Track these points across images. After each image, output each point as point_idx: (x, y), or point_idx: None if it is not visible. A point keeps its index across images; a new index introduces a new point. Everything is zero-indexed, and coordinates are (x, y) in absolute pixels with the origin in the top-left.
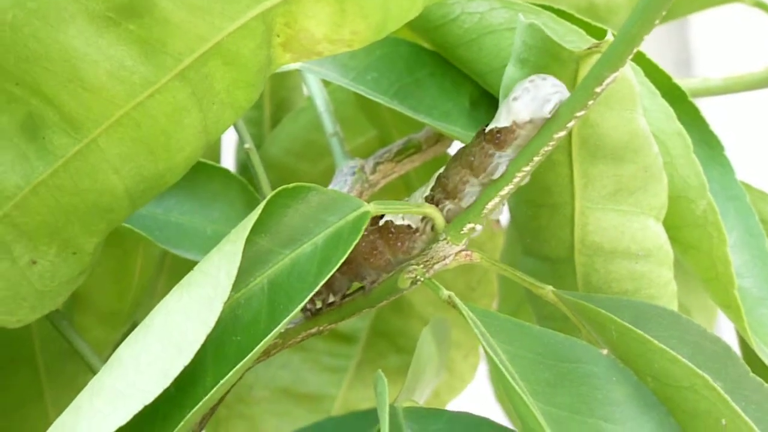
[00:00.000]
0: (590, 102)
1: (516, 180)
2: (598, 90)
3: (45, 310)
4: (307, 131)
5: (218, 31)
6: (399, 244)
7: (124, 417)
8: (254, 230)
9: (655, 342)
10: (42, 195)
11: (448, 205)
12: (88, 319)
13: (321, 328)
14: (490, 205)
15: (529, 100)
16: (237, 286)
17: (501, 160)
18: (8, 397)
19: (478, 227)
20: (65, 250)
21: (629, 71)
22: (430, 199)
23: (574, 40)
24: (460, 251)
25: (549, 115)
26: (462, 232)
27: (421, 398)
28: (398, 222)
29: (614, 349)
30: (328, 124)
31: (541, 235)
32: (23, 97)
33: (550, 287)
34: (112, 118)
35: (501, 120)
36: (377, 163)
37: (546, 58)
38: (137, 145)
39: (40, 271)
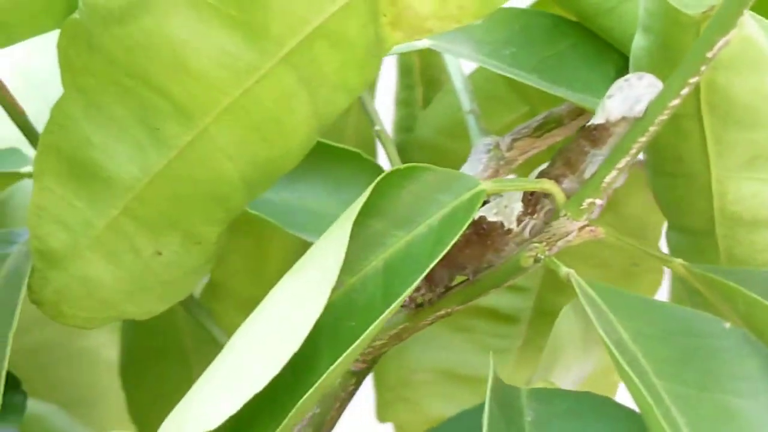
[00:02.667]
0: (702, 68)
1: (633, 152)
2: (709, 55)
3: (173, 300)
4: (457, 110)
5: (320, 12)
6: (489, 242)
7: (236, 405)
8: (368, 213)
9: None
10: (159, 186)
11: (567, 181)
12: (226, 307)
13: (449, 309)
14: (608, 179)
15: (621, 99)
16: (352, 270)
17: (594, 159)
18: (161, 386)
19: (598, 202)
20: (188, 241)
21: (756, 33)
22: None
23: (694, 3)
24: (584, 227)
25: (639, 115)
26: (582, 207)
27: (566, 380)
28: (491, 218)
29: (744, 322)
30: (465, 102)
31: (681, 207)
32: (135, 88)
33: (680, 260)
34: (221, 105)
35: (598, 117)
36: (514, 140)
37: (667, 24)
38: (249, 132)
39: (166, 262)
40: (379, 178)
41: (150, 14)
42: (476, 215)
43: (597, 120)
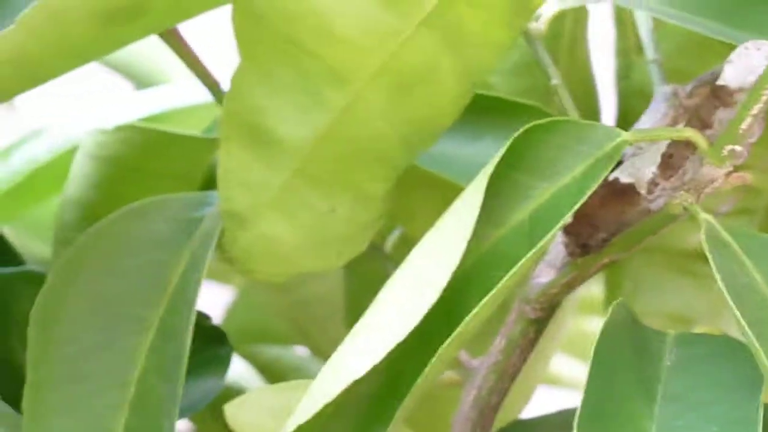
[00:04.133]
0: None
1: (764, 98)
2: None
3: (350, 254)
4: (671, 59)
5: None
6: (625, 200)
7: (378, 356)
8: (513, 166)
9: None
10: (325, 147)
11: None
12: None
13: (612, 257)
14: (744, 126)
15: (738, 68)
16: (498, 222)
17: (722, 117)
18: None
19: (738, 149)
20: (359, 197)
21: None
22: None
23: None
24: (731, 173)
25: (748, 86)
26: (723, 154)
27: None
28: (624, 179)
29: None
30: (649, 51)
31: None
32: (297, 55)
33: None
34: (371, 69)
35: (721, 79)
36: (696, 87)
37: None
38: (401, 94)
39: (340, 218)
40: (518, 133)
41: None
42: (611, 176)
43: (720, 82)
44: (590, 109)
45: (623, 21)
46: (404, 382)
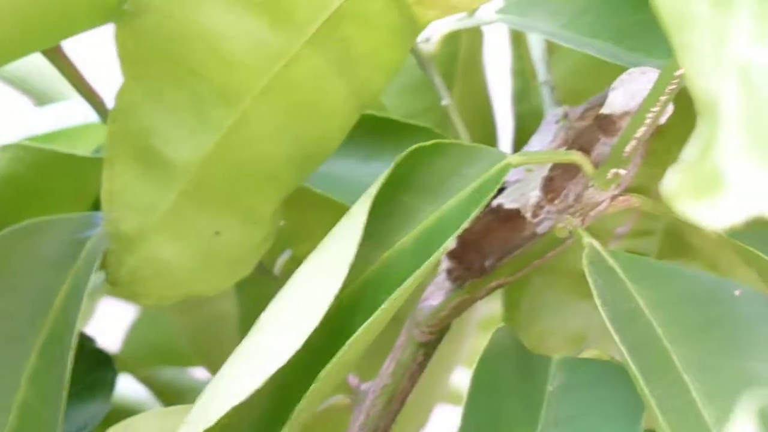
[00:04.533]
0: None
1: (648, 121)
2: None
3: (236, 277)
4: (566, 80)
5: None
6: (510, 226)
7: (259, 381)
8: (400, 189)
9: None
10: (212, 168)
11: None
12: None
13: (500, 281)
14: (628, 149)
15: (622, 93)
16: (386, 244)
17: (605, 148)
18: None
19: (622, 172)
20: (246, 219)
21: None
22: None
23: None
24: (617, 197)
25: (632, 111)
26: (608, 178)
27: None
28: (508, 206)
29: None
30: (541, 72)
31: None
32: (183, 75)
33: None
34: (257, 89)
35: (605, 107)
36: (587, 110)
37: None
38: (287, 114)
39: (226, 241)
40: (402, 155)
41: (182, 5)
42: (494, 203)
43: (605, 110)
44: (486, 131)
45: (520, 43)
46: (289, 407)
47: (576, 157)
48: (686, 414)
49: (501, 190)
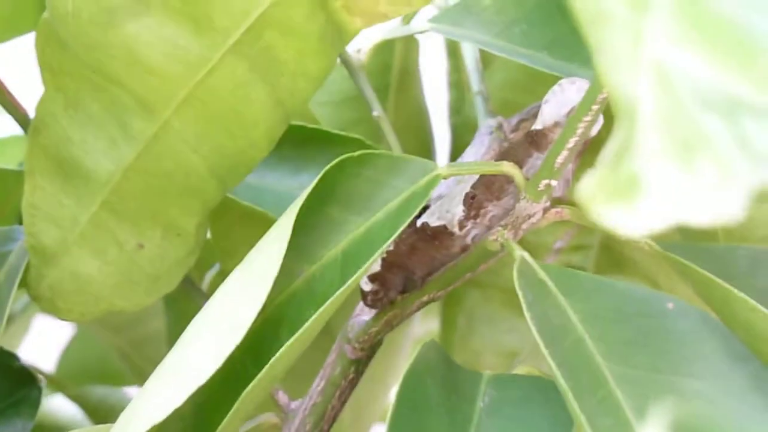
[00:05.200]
0: None
1: (580, 131)
2: None
3: (160, 292)
4: (501, 91)
5: (259, 2)
6: (436, 243)
7: (180, 398)
8: (325, 201)
9: (735, 291)
10: (133, 179)
11: (528, 162)
12: None
13: (431, 295)
14: (560, 159)
15: (554, 104)
16: (311, 258)
17: (538, 162)
18: None
19: (554, 183)
20: (169, 233)
21: None
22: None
23: None
24: (549, 209)
25: (562, 121)
26: (539, 189)
27: None
28: (434, 223)
29: (704, 301)
30: (475, 82)
31: None
32: (103, 85)
33: (646, 240)
34: (178, 98)
35: (537, 122)
36: (521, 121)
37: None
38: (210, 124)
39: (149, 255)
40: (329, 166)
41: (100, 9)
42: (419, 221)
43: (537, 126)
44: (421, 143)
45: (456, 54)
46: (211, 425)
47: (507, 168)
48: (617, 431)
49: (424, 209)
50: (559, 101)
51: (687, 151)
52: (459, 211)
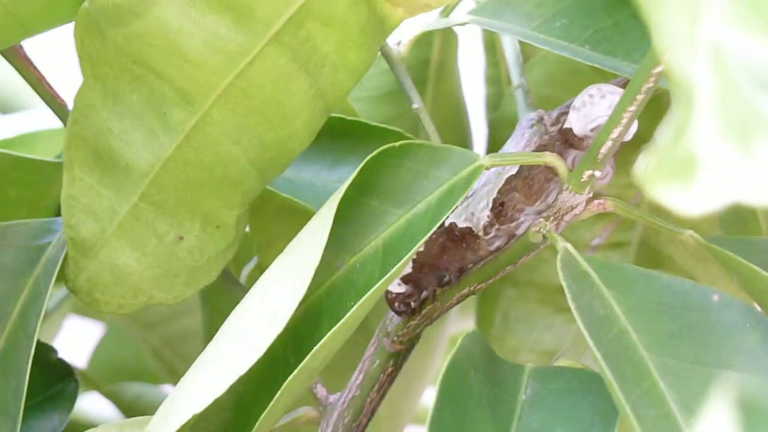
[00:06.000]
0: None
1: (624, 121)
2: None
3: (199, 285)
4: (540, 86)
5: None
6: (464, 245)
7: (219, 389)
8: (366, 192)
9: None
10: (173, 171)
11: (572, 153)
12: None
13: (471, 288)
14: (604, 150)
15: (582, 116)
16: (352, 250)
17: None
18: None
19: (598, 173)
20: (209, 225)
21: None
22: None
23: None
24: (591, 200)
25: (592, 134)
26: (582, 180)
27: None
28: (461, 225)
29: (748, 293)
30: (515, 76)
31: None
32: (143, 74)
33: (690, 231)
34: (219, 88)
35: (567, 123)
36: (562, 114)
37: None
38: (251, 115)
39: (188, 247)
40: (370, 157)
41: (142, 1)
42: (447, 221)
43: (568, 124)
44: (460, 137)
45: (494, 50)
46: (251, 417)
47: (549, 158)
48: (662, 423)
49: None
50: (588, 115)
51: (743, 131)
52: (485, 216)
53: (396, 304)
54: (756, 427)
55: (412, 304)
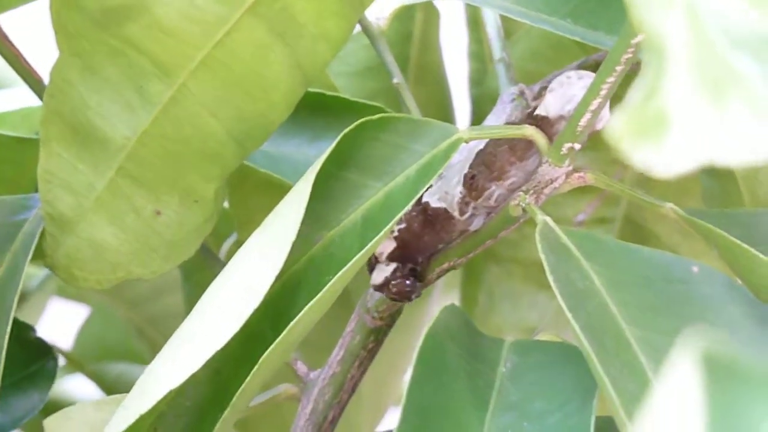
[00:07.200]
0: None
1: (603, 93)
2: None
3: (178, 259)
4: (524, 61)
5: None
6: (438, 226)
7: (197, 363)
8: (344, 166)
9: (761, 256)
10: (150, 145)
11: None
12: None
13: (452, 262)
14: (583, 122)
15: (558, 96)
16: (330, 224)
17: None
18: None
19: (577, 146)
20: (187, 199)
21: None
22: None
23: None
24: (572, 173)
25: (567, 115)
26: (562, 152)
27: None
28: (434, 204)
29: (729, 266)
30: (497, 50)
31: None
32: (120, 48)
33: (671, 205)
34: (196, 60)
35: (540, 108)
36: (543, 88)
37: None
38: (229, 86)
39: (166, 222)
40: (347, 130)
41: None
42: (422, 200)
43: (540, 111)
44: (442, 113)
45: (477, 26)
46: (228, 392)
47: (529, 131)
48: (641, 395)
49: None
50: (564, 95)
51: (717, 89)
52: (457, 192)
53: (392, 288)
54: (718, 382)
55: (404, 279)
